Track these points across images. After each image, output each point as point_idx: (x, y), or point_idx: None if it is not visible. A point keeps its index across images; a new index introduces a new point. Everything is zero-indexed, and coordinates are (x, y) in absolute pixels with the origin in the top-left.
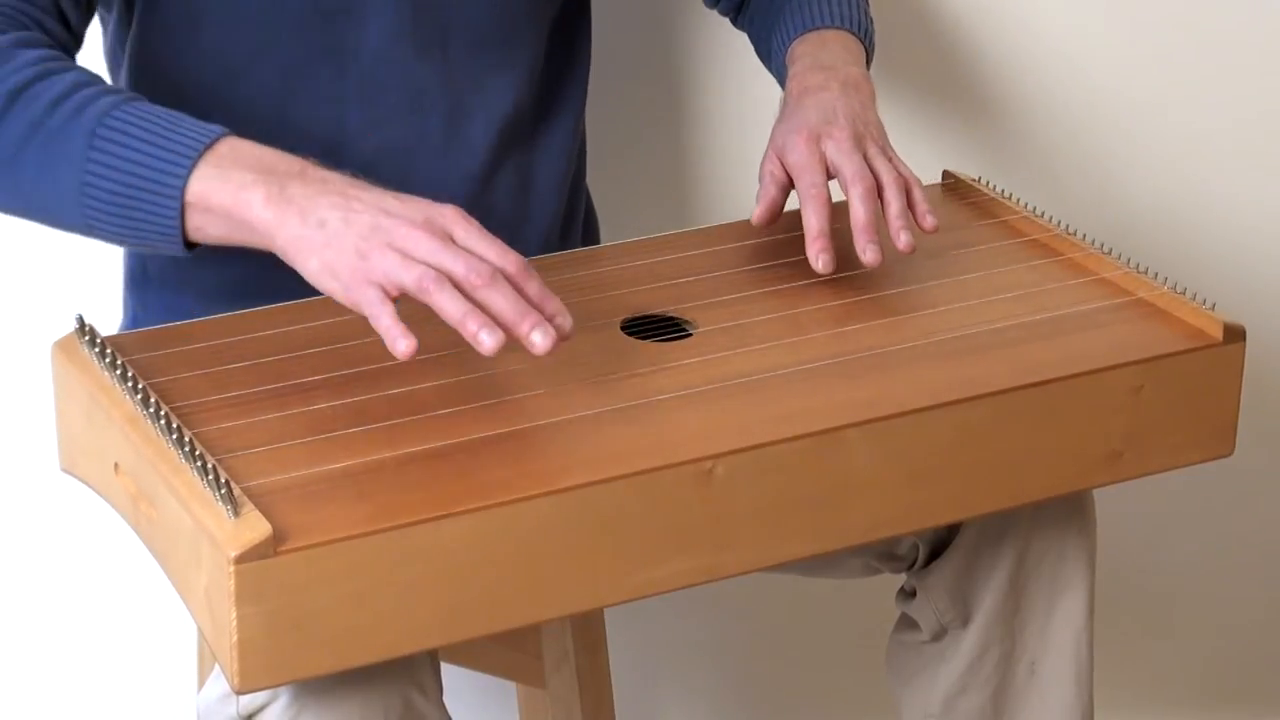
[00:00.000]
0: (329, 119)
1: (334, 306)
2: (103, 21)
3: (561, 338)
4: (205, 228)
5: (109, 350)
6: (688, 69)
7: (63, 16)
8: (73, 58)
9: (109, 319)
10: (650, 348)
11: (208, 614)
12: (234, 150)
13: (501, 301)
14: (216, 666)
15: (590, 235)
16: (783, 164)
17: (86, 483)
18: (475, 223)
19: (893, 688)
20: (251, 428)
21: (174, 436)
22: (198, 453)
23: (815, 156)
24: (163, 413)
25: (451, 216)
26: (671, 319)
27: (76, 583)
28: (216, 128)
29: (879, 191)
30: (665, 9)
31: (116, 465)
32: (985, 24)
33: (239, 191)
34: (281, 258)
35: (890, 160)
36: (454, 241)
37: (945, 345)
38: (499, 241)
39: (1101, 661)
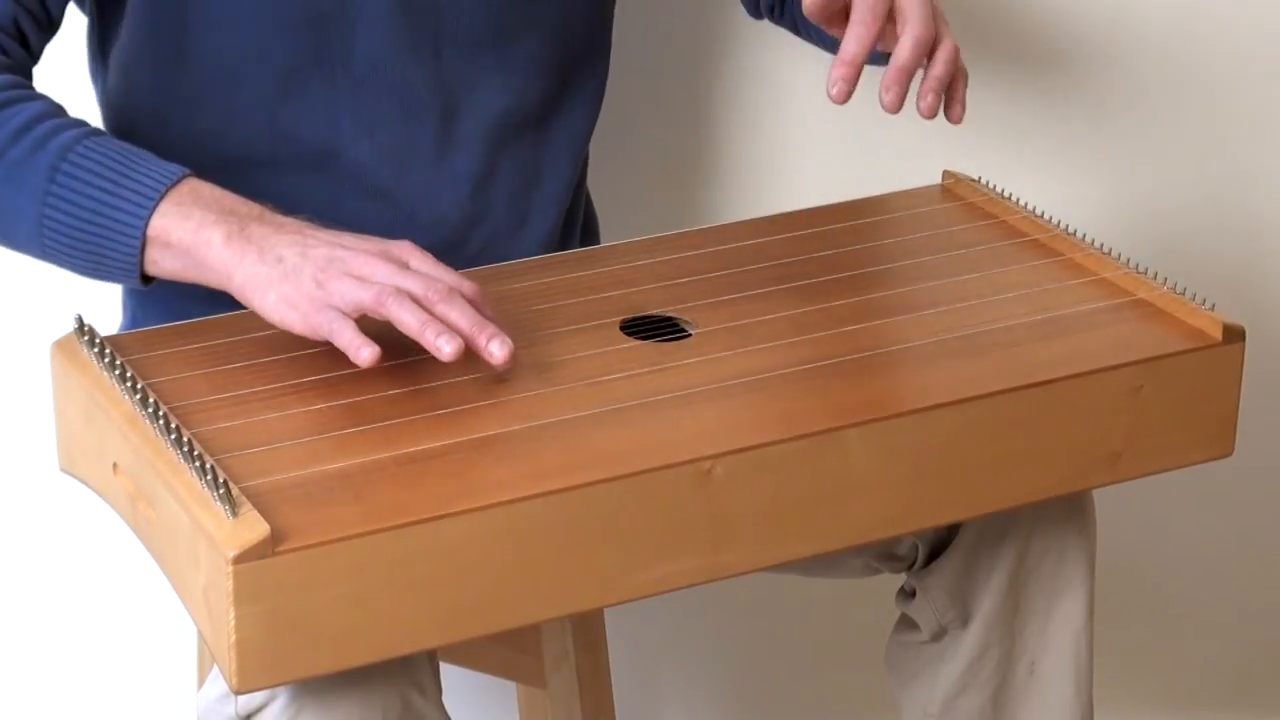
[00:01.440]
0: (322, 123)
1: None
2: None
3: (512, 353)
4: (161, 262)
5: (108, 350)
6: (688, 69)
7: (23, 37)
8: (29, 77)
9: (108, 319)
10: (650, 348)
11: (206, 614)
12: (194, 191)
13: (458, 315)
14: (215, 666)
15: (590, 236)
16: None
17: (85, 483)
18: (429, 255)
19: (893, 688)
20: (250, 428)
21: (172, 436)
22: (196, 453)
23: None
24: (161, 413)
25: (407, 248)
26: (671, 319)
27: (76, 583)
28: (178, 168)
29: (931, 52)
30: (668, 9)
31: (115, 465)
32: (985, 24)
33: (199, 230)
34: (238, 297)
35: (954, 43)
36: (409, 269)
37: (945, 345)
38: (453, 270)
39: (1101, 661)
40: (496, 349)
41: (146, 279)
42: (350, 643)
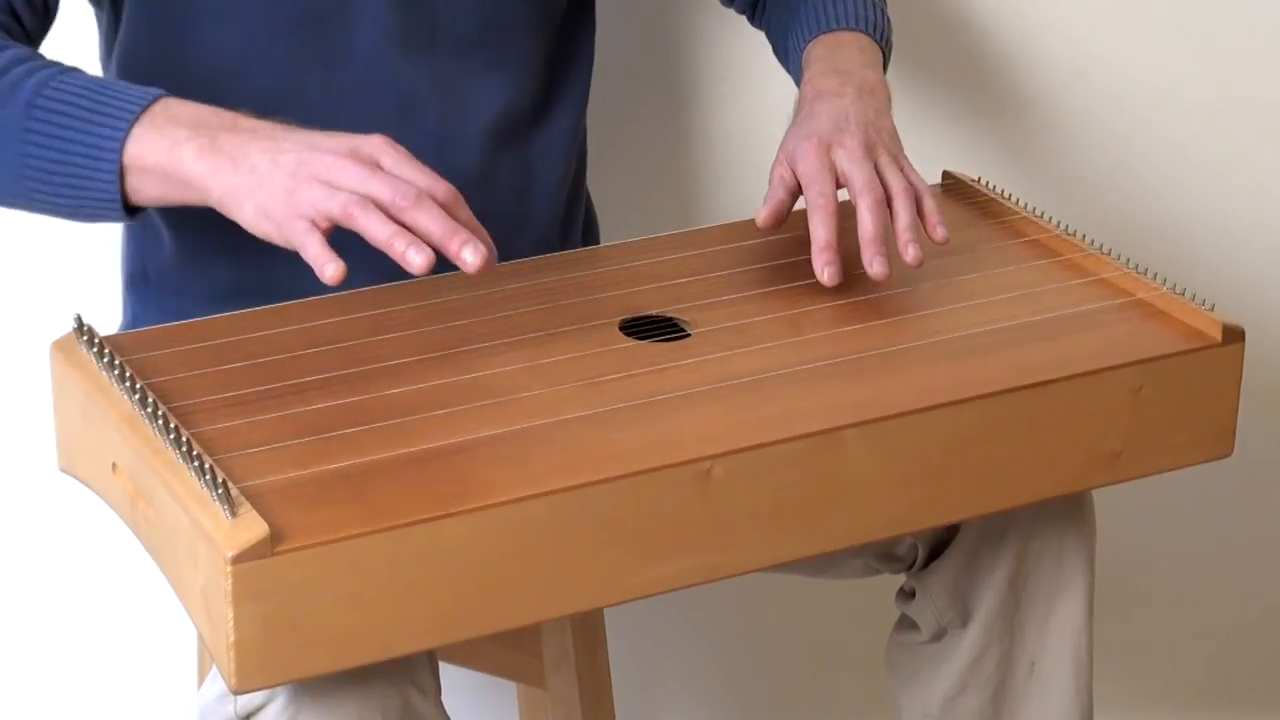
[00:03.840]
0: (321, 121)
1: (332, 306)
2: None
3: (488, 257)
4: (142, 189)
5: (107, 350)
6: (688, 69)
7: (15, 15)
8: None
9: (108, 319)
10: (649, 348)
11: (205, 614)
12: (167, 109)
13: (428, 221)
14: (215, 666)
15: (590, 236)
16: (793, 170)
17: (84, 482)
18: (403, 150)
19: (892, 688)
20: (249, 428)
21: (171, 436)
22: (195, 453)
23: (825, 165)
24: (160, 413)
25: (379, 145)
26: (670, 319)
27: (76, 583)
28: (153, 90)
29: (888, 202)
30: (666, 9)
31: (114, 465)
32: (986, 25)
33: (172, 148)
34: (220, 210)
35: (902, 170)
36: (381, 169)
37: (945, 346)
38: (428, 169)
39: (1101, 661)
40: (469, 255)
41: (132, 211)
42: (349, 642)
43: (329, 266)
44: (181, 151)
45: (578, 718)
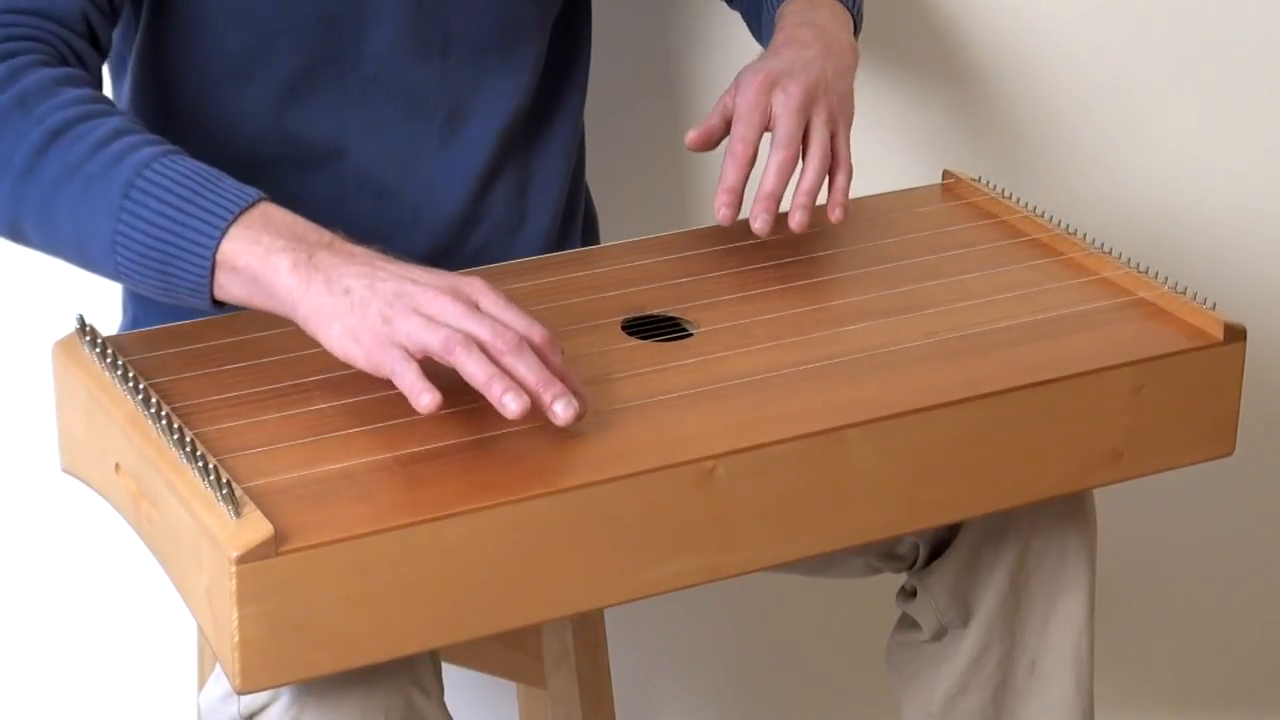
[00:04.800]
0: (329, 123)
1: None
2: None
3: (580, 413)
4: (229, 287)
5: (109, 350)
6: (688, 69)
7: (93, 35)
8: (100, 77)
9: (110, 319)
10: (650, 348)
11: (209, 614)
12: (265, 215)
13: (525, 369)
14: (218, 666)
15: (590, 235)
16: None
17: (87, 483)
18: (501, 293)
19: (893, 687)
20: (252, 428)
21: (175, 437)
22: (199, 453)
23: (759, 106)
24: (164, 413)
25: (479, 287)
26: (672, 319)
27: (77, 583)
28: (253, 190)
29: (804, 158)
30: (665, 8)
31: (117, 465)
32: (985, 23)
33: (267, 256)
34: (303, 327)
35: (834, 135)
36: (479, 310)
37: (945, 345)
38: (525, 312)
39: (1101, 661)
40: (561, 409)
41: (217, 302)
42: (353, 643)
43: (425, 396)
44: (276, 261)
45: (578, 718)
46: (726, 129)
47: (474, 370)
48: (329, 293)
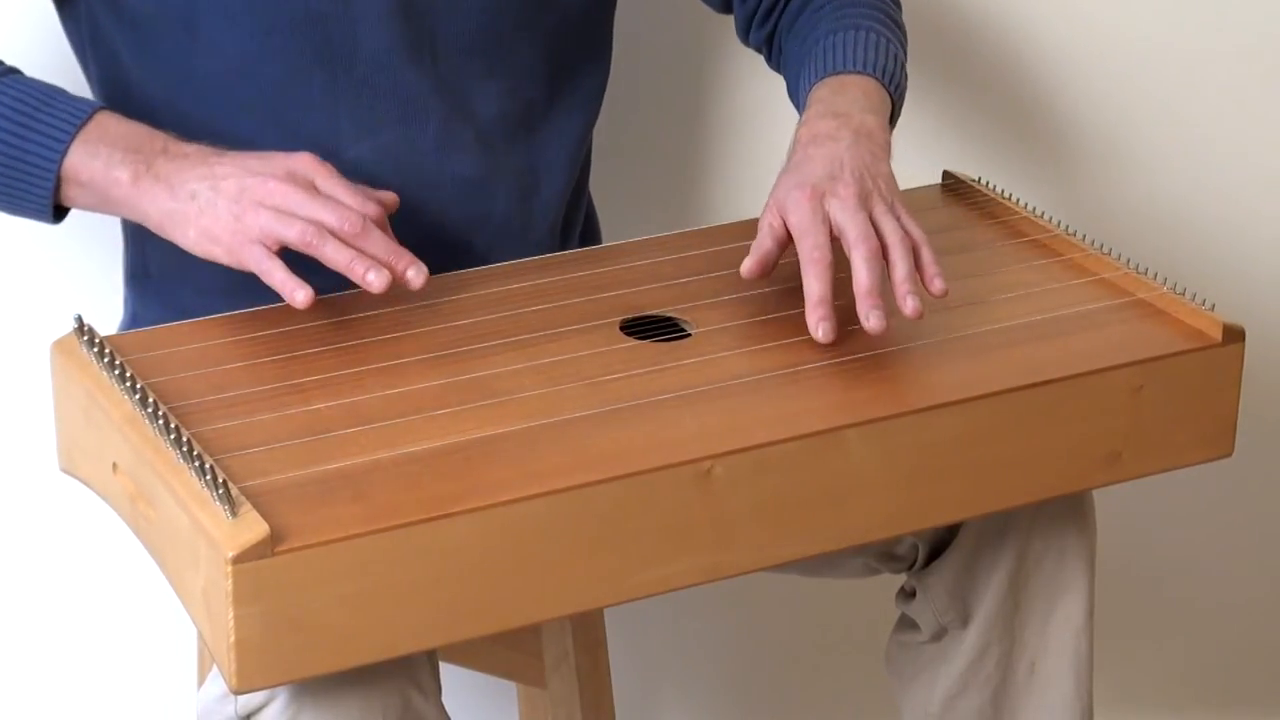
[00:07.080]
0: (322, 124)
1: (332, 307)
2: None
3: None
4: (76, 198)
5: (107, 350)
6: (688, 69)
7: None
8: None
9: (109, 318)
10: (650, 348)
11: (205, 614)
12: (101, 126)
13: (376, 246)
14: (215, 666)
15: (590, 236)
16: (784, 220)
17: (85, 482)
18: (331, 167)
19: (893, 688)
20: (249, 428)
21: (172, 436)
22: (196, 453)
23: (818, 215)
24: (161, 413)
25: (310, 164)
26: (671, 319)
27: (76, 583)
28: (88, 103)
29: (884, 253)
30: (666, 10)
31: (115, 465)
32: (986, 24)
33: (108, 170)
34: (158, 233)
35: (898, 219)
36: (317, 189)
37: (945, 346)
38: (357, 188)
39: (1101, 661)
40: (413, 276)
41: (59, 212)
42: (350, 642)
43: (299, 293)
44: (117, 174)
45: (578, 718)
46: (780, 251)
47: (334, 256)
48: (174, 199)
